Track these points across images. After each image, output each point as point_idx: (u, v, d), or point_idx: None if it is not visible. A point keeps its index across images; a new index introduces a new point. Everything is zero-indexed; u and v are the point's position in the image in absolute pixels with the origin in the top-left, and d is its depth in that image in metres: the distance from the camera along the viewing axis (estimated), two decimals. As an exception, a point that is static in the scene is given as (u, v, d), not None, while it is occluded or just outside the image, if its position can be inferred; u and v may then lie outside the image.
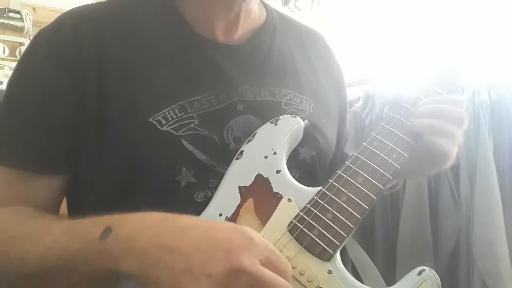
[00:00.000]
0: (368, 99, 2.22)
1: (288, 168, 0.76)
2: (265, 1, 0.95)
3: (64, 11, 0.81)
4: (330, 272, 0.63)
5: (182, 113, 0.76)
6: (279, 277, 0.54)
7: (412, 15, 2.19)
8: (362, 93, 2.25)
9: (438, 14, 2.05)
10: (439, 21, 2.01)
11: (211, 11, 0.83)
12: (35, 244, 0.64)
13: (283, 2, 0.95)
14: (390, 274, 1.96)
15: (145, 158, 0.74)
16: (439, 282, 0.62)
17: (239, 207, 0.71)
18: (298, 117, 0.81)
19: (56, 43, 0.76)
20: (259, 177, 0.73)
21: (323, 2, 0.95)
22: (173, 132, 0.74)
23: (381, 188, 0.70)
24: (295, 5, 0.95)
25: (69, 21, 0.78)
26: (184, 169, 0.74)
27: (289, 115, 0.81)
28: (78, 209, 0.83)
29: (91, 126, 0.74)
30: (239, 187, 0.73)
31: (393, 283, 0.65)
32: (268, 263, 0.55)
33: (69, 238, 0.61)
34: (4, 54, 2.45)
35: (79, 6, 0.82)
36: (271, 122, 0.80)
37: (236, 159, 0.76)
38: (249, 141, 0.78)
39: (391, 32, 2.29)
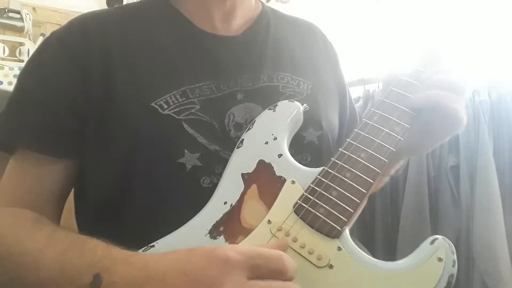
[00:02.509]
0: (368, 99, 2.23)
1: (297, 153, 0.77)
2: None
3: (64, 11, 0.86)
4: (339, 248, 0.62)
5: (184, 99, 0.78)
6: (275, 282, 0.53)
7: (412, 15, 2.19)
8: (362, 93, 2.26)
9: (438, 14, 2.05)
10: (439, 21, 2.01)
11: (206, 5, 0.87)
12: (29, 272, 0.64)
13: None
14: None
15: (146, 140, 0.75)
16: (454, 250, 0.60)
17: (243, 194, 0.70)
18: (296, 102, 0.82)
19: (66, 40, 0.82)
20: (261, 162, 0.73)
21: (324, 2, 0.97)
22: (174, 115, 0.76)
23: (384, 161, 0.69)
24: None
25: (79, 23, 0.85)
26: (186, 151, 0.75)
27: (287, 101, 0.82)
28: (84, 195, 0.84)
29: (97, 112, 0.77)
30: (242, 174, 0.73)
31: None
32: (257, 272, 0.53)
33: (60, 275, 0.62)
34: (4, 54, 2.46)
35: (87, 12, 0.89)
36: (270, 109, 0.80)
37: (237, 147, 0.76)
38: (249, 129, 0.78)
39: (391, 32, 2.30)
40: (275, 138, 0.76)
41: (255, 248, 0.55)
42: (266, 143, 0.75)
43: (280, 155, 0.74)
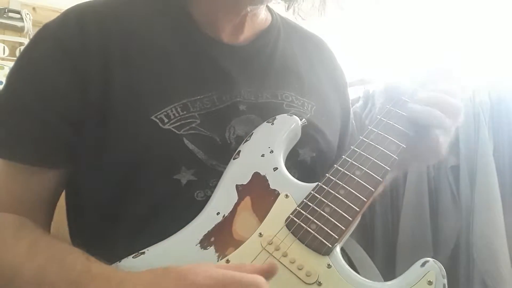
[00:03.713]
0: (368, 99, 2.22)
1: (287, 168, 0.76)
2: (270, 6, 0.96)
3: None
4: (329, 266, 0.62)
5: (184, 112, 0.76)
6: None
7: (412, 15, 2.19)
8: (362, 93, 2.25)
9: (438, 14, 2.04)
10: (439, 21, 2.01)
11: (218, 15, 0.84)
12: (7, 285, 0.64)
13: (286, 7, 0.95)
14: (390, 274, 1.95)
15: (144, 155, 0.73)
16: (444, 273, 0.60)
17: (237, 205, 0.70)
18: (295, 116, 0.81)
19: (61, 37, 0.76)
20: (256, 175, 0.73)
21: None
22: (175, 130, 0.74)
23: (379, 180, 0.69)
24: (298, 13, 0.96)
25: (75, 16, 0.78)
26: (183, 167, 0.74)
27: (286, 114, 0.82)
28: (77, 204, 0.84)
29: (92, 121, 0.74)
30: (237, 185, 0.73)
31: (393, 282, 0.64)
32: None
33: None
34: (4, 54, 2.45)
35: (85, 2, 0.82)
36: (268, 122, 0.80)
37: (234, 159, 0.76)
38: (246, 141, 0.78)
39: (391, 32, 2.29)
40: (272, 151, 0.76)
41: (230, 273, 0.52)
42: (263, 155, 0.75)
43: (275, 169, 0.74)
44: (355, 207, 0.67)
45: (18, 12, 2.50)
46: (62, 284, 0.59)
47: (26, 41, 2.50)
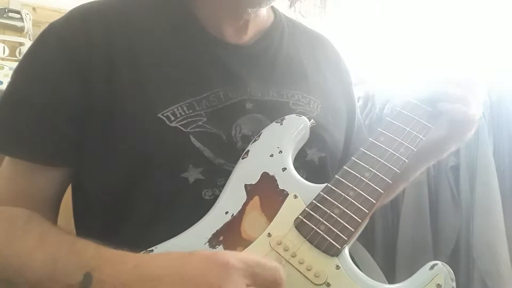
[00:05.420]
0: (368, 99, 2.21)
1: (295, 168, 0.76)
2: (272, 4, 0.96)
3: (64, 11, 0.81)
4: (338, 267, 0.63)
5: (190, 111, 0.76)
6: None
7: (412, 16, 2.19)
8: (362, 93, 2.24)
9: (438, 14, 2.05)
10: (439, 21, 2.01)
11: (221, 17, 0.85)
12: (17, 275, 0.64)
13: (289, 5, 0.96)
14: (390, 274, 1.96)
15: (152, 152, 0.74)
16: (453, 276, 0.60)
17: (245, 204, 0.71)
18: (303, 117, 0.81)
19: (66, 37, 0.77)
20: (265, 175, 0.74)
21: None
22: (182, 128, 0.75)
23: (388, 182, 0.70)
24: (299, 12, 0.96)
25: (80, 16, 0.79)
26: (190, 165, 0.74)
27: (295, 115, 0.82)
28: (83, 202, 0.84)
29: (98, 119, 0.75)
30: (245, 185, 0.73)
31: (393, 283, 0.64)
32: (255, 280, 0.54)
33: (49, 277, 0.61)
34: (4, 54, 2.44)
35: (89, 2, 0.82)
36: (277, 122, 0.80)
37: (242, 158, 0.76)
38: (255, 140, 0.78)
39: (391, 32, 2.29)
40: (281, 152, 0.76)
41: (254, 256, 0.56)
42: (271, 155, 0.76)
43: (284, 169, 0.74)
44: (364, 209, 0.67)
45: (18, 12, 2.48)
46: (73, 269, 0.59)
47: (26, 41, 2.49)
